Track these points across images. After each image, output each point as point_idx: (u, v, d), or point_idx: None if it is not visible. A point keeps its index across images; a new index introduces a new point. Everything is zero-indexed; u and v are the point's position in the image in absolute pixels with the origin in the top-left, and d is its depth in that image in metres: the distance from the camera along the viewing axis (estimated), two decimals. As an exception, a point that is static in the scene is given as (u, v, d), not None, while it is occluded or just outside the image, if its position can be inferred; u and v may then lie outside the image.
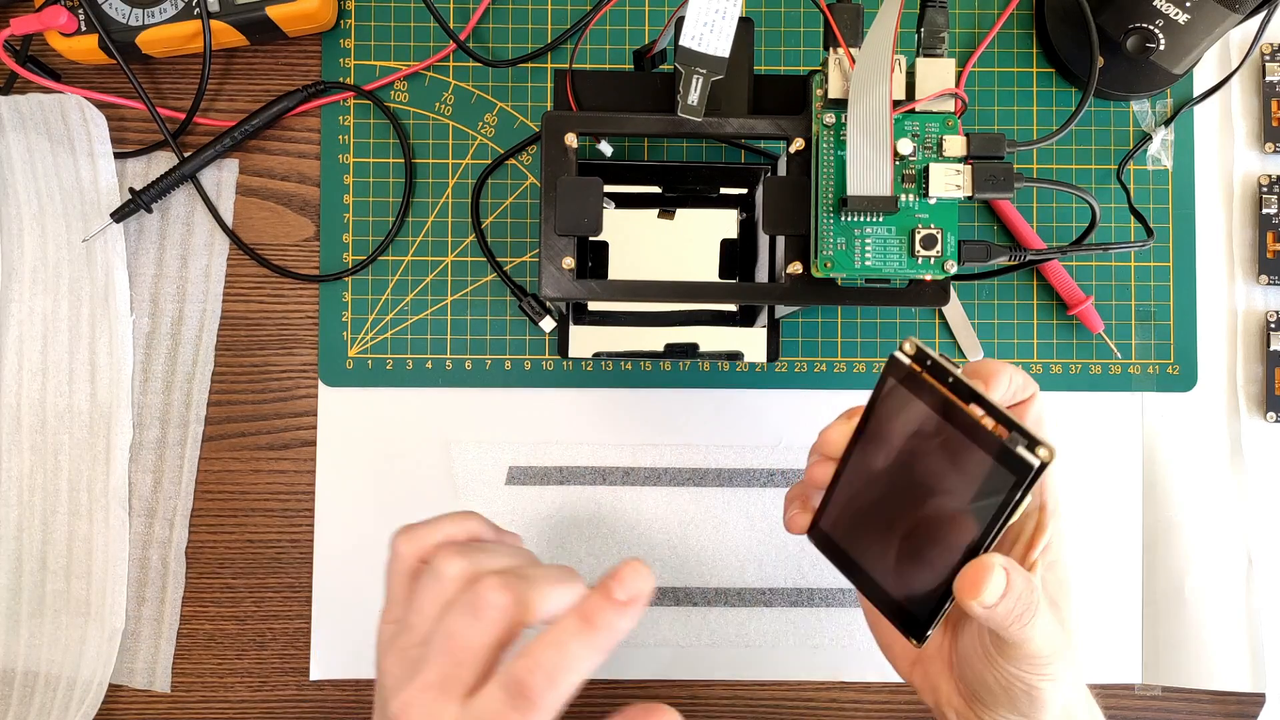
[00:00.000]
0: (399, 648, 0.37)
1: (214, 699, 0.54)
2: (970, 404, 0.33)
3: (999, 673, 0.37)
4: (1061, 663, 0.37)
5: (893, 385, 0.35)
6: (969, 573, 0.33)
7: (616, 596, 0.35)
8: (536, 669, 0.34)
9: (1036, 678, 0.37)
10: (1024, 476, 0.32)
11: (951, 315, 0.55)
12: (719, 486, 0.55)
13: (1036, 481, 0.32)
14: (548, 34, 0.56)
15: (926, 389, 0.34)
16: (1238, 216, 0.56)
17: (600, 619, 0.34)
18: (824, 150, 0.42)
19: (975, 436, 0.33)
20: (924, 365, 0.34)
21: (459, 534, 0.41)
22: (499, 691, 0.34)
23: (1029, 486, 0.32)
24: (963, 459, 0.33)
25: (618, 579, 0.35)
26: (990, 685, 0.38)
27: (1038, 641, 0.35)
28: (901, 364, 0.35)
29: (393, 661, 0.37)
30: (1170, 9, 0.49)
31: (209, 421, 0.55)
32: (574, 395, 0.55)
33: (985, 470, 0.32)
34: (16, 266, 0.54)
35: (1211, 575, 0.55)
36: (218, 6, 0.52)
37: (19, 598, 0.54)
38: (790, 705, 0.55)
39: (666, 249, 0.53)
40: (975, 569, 0.33)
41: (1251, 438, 0.55)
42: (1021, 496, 0.32)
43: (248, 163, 0.55)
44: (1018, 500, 0.32)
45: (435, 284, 0.55)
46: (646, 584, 0.35)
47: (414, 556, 0.40)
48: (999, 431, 0.32)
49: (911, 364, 0.35)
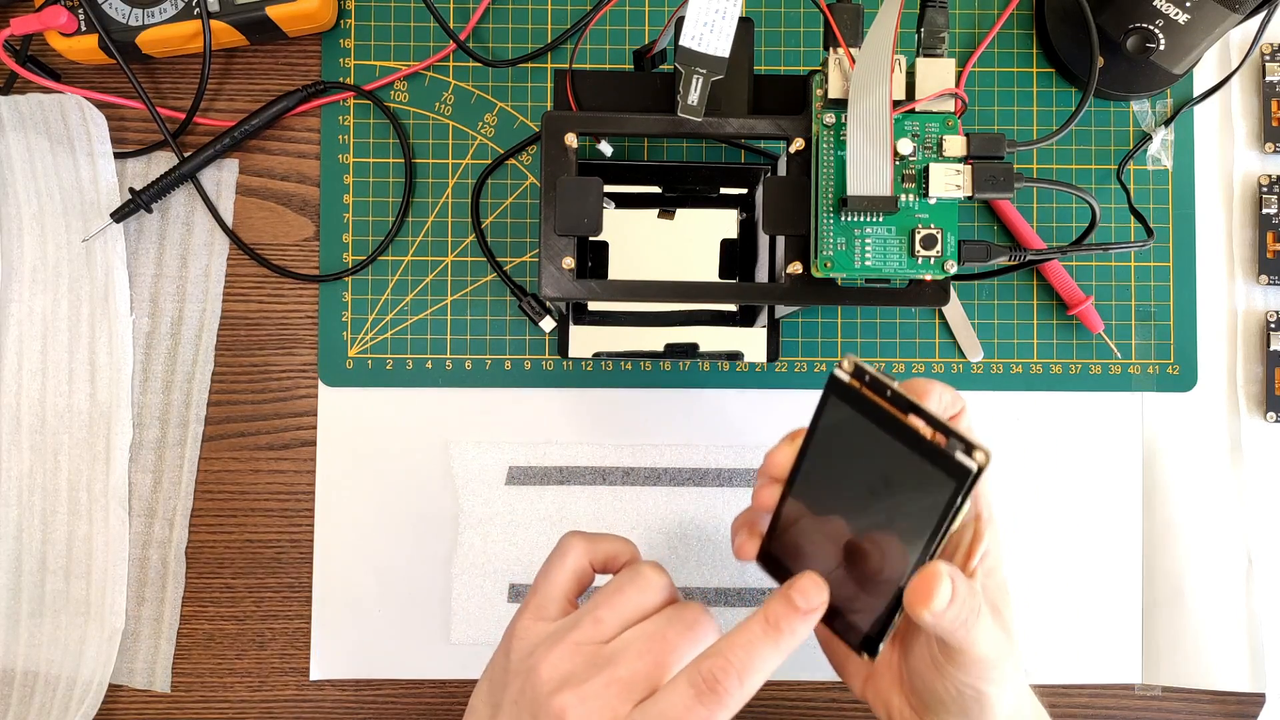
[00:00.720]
0: (573, 641, 0.37)
1: (214, 699, 0.54)
2: (909, 415, 0.34)
3: (948, 681, 0.38)
4: (1006, 666, 0.37)
5: (833, 403, 0.36)
6: (918, 582, 0.34)
7: (799, 605, 0.36)
8: (729, 667, 0.35)
9: (984, 683, 0.37)
10: (963, 481, 0.32)
11: (951, 315, 0.55)
12: (719, 486, 0.55)
13: (974, 487, 0.32)
14: (548, 34, 0.56)
15: (866, 404, 0.35)
16: (1238, 216, 0.56)
17: (785, 624, 0.36)
18: (824, 150, 0.42)
19: (914, 446, 0.33)
20: (863, 381, 0.35)
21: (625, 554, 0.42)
22: (686, 687, 0.35)
23: (968, 491, 0.32)
24: (904, 470, 0.34)
25: (799, 590, 0.36)
26: (940, 695, 0.39)
27: (982, 646, 0.36)
28: (841, 381, 0.35)
29: (562, 655, 0.37)
30: (1170, 9, 0.49)
31: (209, 421, 0.55)
32: (574, 395, 0.55)
33: (926, 478, 0.33)
34: (16, 266, 0.54)
35: (1211, 575, 0.55)
36: (218, 6, 0.52)
37: (19, 598, 0.54)
38: (790, 705, 0.55)
39: (666, 249, 0.53)
40: (923, 578, 0.34)
41: (1251, 438, 0.55)
42: (961, 501, 0.33)
43: (248, 163, 0.55)
44: (958, 506, 0.33)
45: (435, 284, 0.55)
46: (823, 596, 0.36)
47: (585, 558, 0.41)
48: (937, 439, 0.33)
49: (851, 380, 0.35)
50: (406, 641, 0.54)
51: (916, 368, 0.55)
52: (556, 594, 0.40)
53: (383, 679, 0.54)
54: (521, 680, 0.37)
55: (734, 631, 0.36)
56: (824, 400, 0.36)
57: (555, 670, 0.36)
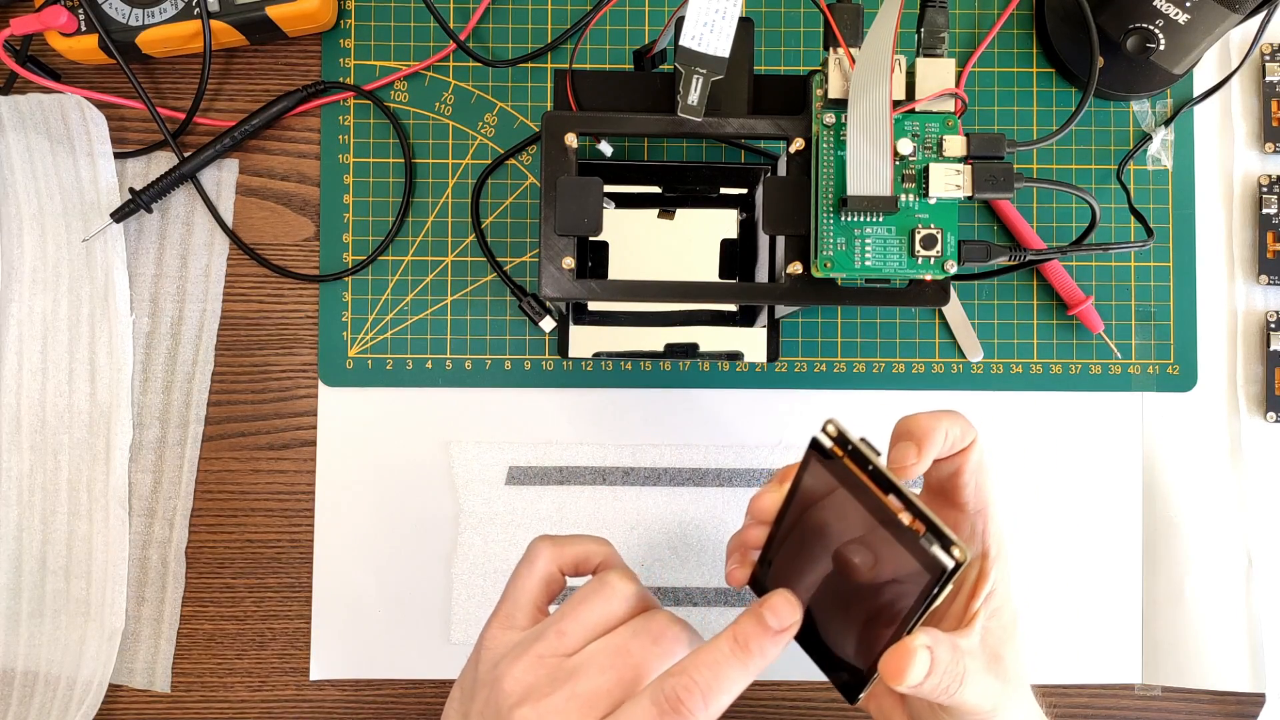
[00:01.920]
0: (536, 654, 0.36)
1: (214, 699, 0.54)
2: (889, 495, 0.33)
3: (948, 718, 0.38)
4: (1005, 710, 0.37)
5: (814, 466, 0.35)
6: (891, 658, 0.33)
7: (770, 624, 0.35)
8: (693, 687, 0.34)
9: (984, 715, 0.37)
10: (938, 576, 0.31)
11: (951, 315, 0.55)
12: (719, 486, 0.55)
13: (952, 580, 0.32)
14: (548, 34, 0.56)
15: (847, 474, 0.34)
16: (1238, 216, 0.56)
17: (755, 644, 0.35)
18: (824, 150, 0.42)
19: (893, 529, 0.32)
20: (845, 449, 0.34)
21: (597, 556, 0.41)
22: (650, 706, 0.34)
23: (944, 584, 0.32)
24: (882, 547, 0.33)
25: (770, 608, 0.35)
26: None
27: (972, 703, 0.36)
28: (823, 445, 0.34)
29: (525, 667, 0.36)
30: (1170, 9, 0.49)
31: (209, 421, 0.55)
32: (574, 395, 0.55)
33: (902, 563, 0.32)
34: (16, 266, 0.54)
35: (1211, 575, 0.55)
36: (218, 6, 0.52)
37: (19, 598, 0.54)
38: (790, 705, 0.55)
39: (666, 249, 0.53)
40: (897, 654, 0.33)
41: (1251, 438, 0.55)
42: (938, 593, 0.32)
43: (248, 163, 0.55)
44: (934, 595, 0.32)
45: (435, 284, 0.55)
46: (796, 616, 0.35)
47: (554, 564, 0.40)
48: (915, 527, 0.32)
49: (833, 446, 0.34)
50: (406, 641, 0.54)
51: (916, 368, 0.55)
52: (525, 601, 0.39)
53: (383, 679, 0.54)
54: (487, 691, 0.37)
55: (702, 649, 0.35)
56: (806, 460, 0.35)
57: (518, 684, 0.36)
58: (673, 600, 0.54)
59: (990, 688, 0.36)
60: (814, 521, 0.36)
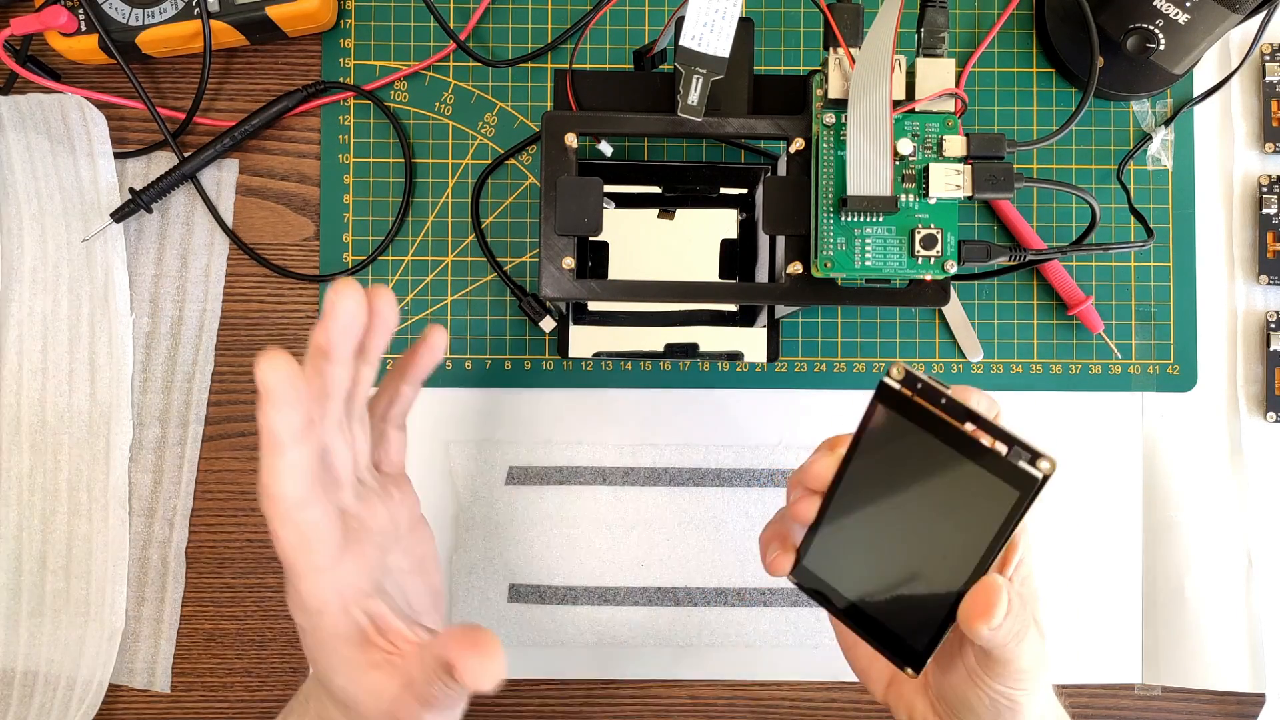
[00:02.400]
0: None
1: (214, 699, 0.54)
2: (965, 423, 0.33)
3: (985, 690, 0.37)
4: (1041, 675, 0.37)
5: (882, 410, 0.35)
6: (978, 596, 0.33)
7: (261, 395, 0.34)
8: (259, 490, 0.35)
9: (1020, 692, 0.37)
10: (1028, 490, 0.32)
11: (951, 315, 0.55)
12: (719, 486, 0.55)
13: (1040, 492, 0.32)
14: (548, 34, 0.56)
15: (919, 412, 0.34)
16: (1238, 216, 0.56)
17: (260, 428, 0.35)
18: (824, 150, 0.42)
19: (975, 455, 0.33)
20: (914, 389, 0.34)
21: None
22: None
23: (1033, 499, 0.32)
24: (962, 479, 0.33)
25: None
26: (973, 704, 0.38)
27: (1026, 659, 0.36)
28: (891, 389, 0.34)
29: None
30: (1170, 9, 0.49)
31: (209, 421, 0.55)
32: (574, 395, 0.55)
33: (987, 488, 0.32)
34: (16, 266, 0.54)
35: (1211, 575, 0.55)
36: (218, 6, 0.52)
37: (19, 598, 0.54)
38: (790, 705, 0.55)
39: (666, 249, 0.53)
40: (983, 592, 0.33)
41: (1251, 438, 0.55)
42: (1024, 510, 0.32)
43: (248, 163, 0.55)
44: (1021, 514, 0.32)
45: (435, 284, 0.55)
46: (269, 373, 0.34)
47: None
48: (998, 447, 0.32)
49: (902, 388, 0.34)
50: (406, 641, 0.54)
51: (916, 368, 0.55)
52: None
53: (383, 679, 0.54)
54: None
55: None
56: (872, 407, 0.35)
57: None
58: (673, 600, 0.54)
59: (1039, 647, 0.36)
60: (878, 476, 0.35)
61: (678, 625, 0.54)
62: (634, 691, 0.55)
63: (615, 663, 0.54)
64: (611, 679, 0.55)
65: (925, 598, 0.35)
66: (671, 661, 0.55)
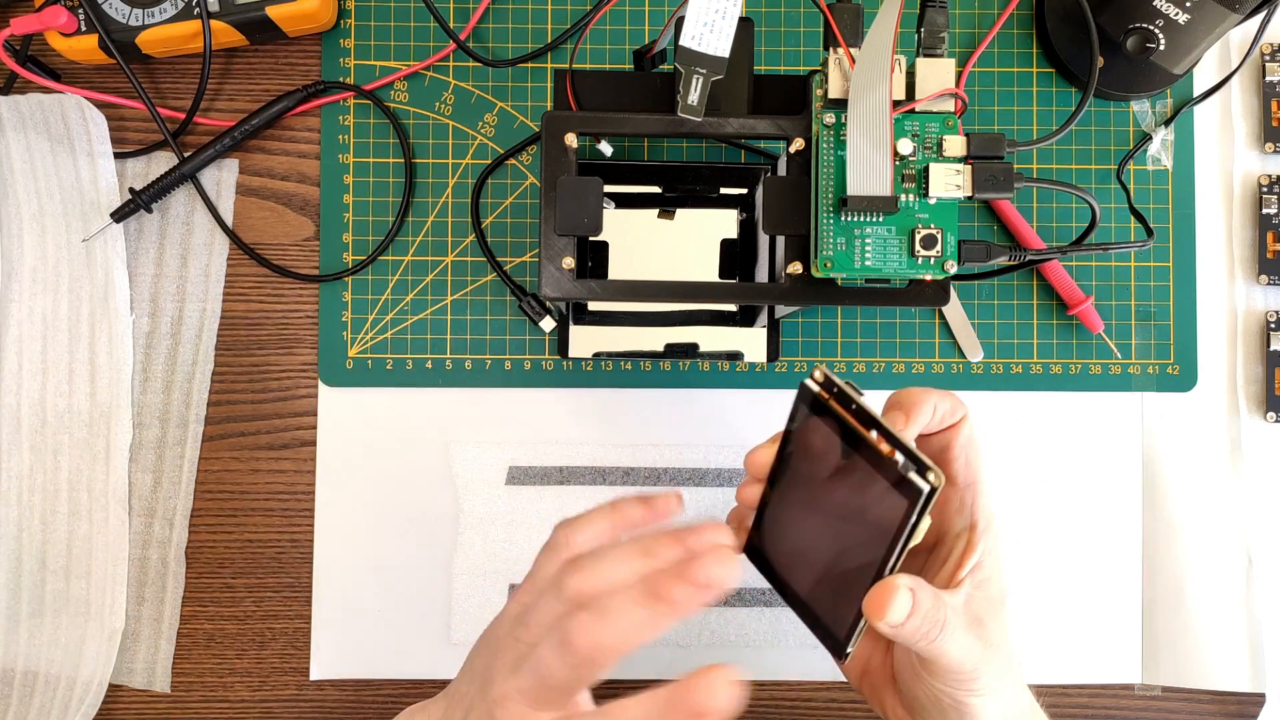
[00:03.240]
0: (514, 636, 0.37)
1: (214, 699, 0.54)
2: (870, 430, 0.34)
3: (926, 687, 0.38)
4: (987, 678, 0.37)
5: (803, 411, 0.36)
6: (875, 594, 0.34)
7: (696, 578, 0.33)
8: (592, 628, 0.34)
9: (962, 693, 0.37)
10: (915, 500, 0.33)
11: (951, 315, 0.55)
12: (719, 486, 0.55)
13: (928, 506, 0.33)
14: (548, 34, 0.56)
15: (832, 415, 0.35)
16: (1238, 216, 0.56)
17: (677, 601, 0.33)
18: (824, 150, 0.42)
19: (872, 462, 0.34)
20: (831, 392, 0.35)
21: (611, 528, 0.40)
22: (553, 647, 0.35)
23: (922, 510, 0.33)
24: (863, 484, 0.34)
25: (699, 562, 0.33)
26: (921, 699, 0.39)
27: (952, 656, 0.36)
28: (810, 390, 0.36)
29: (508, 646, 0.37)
30: (1170, 9, 0.49)
31: (209, 421, 0.55)
32: (574, 395, 0.55)
33: (882, 494, 0.33)
34: (16, 266, 0.54)
35: (1211, 575, 0.55)
36: (218, 6, 0.52)
37: (19, 598, 0.54)
38: (790, 705, 0.55)
39: (666, 249, 0.53)
40: (880, 590, 0.34)
41: (1251, 438, 0.55)
42: (916, 520, 0.33)
43: (248, 163, 0.55)
44: (913, 524, 0.33)
45: (435, 284, 0.55)
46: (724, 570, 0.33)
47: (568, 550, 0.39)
48: (894, 457, 0.33)
49: (820, 390, 0.35)
50: (406, 641, 0.54)
51: (916, 368, 0.55)
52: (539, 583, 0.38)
53: (383, 679, 0.54)
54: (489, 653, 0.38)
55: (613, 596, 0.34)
56: (795, 407, 0.37)
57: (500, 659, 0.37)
58: (673, 600, 0.54)
59: (971, 646, 0.37)
60: (803, 471, 0.37)
61: (678, 625, 0.54)
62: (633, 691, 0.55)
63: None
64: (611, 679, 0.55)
65: (845, 590, 0.36)
66: (671, 661, 0.55)
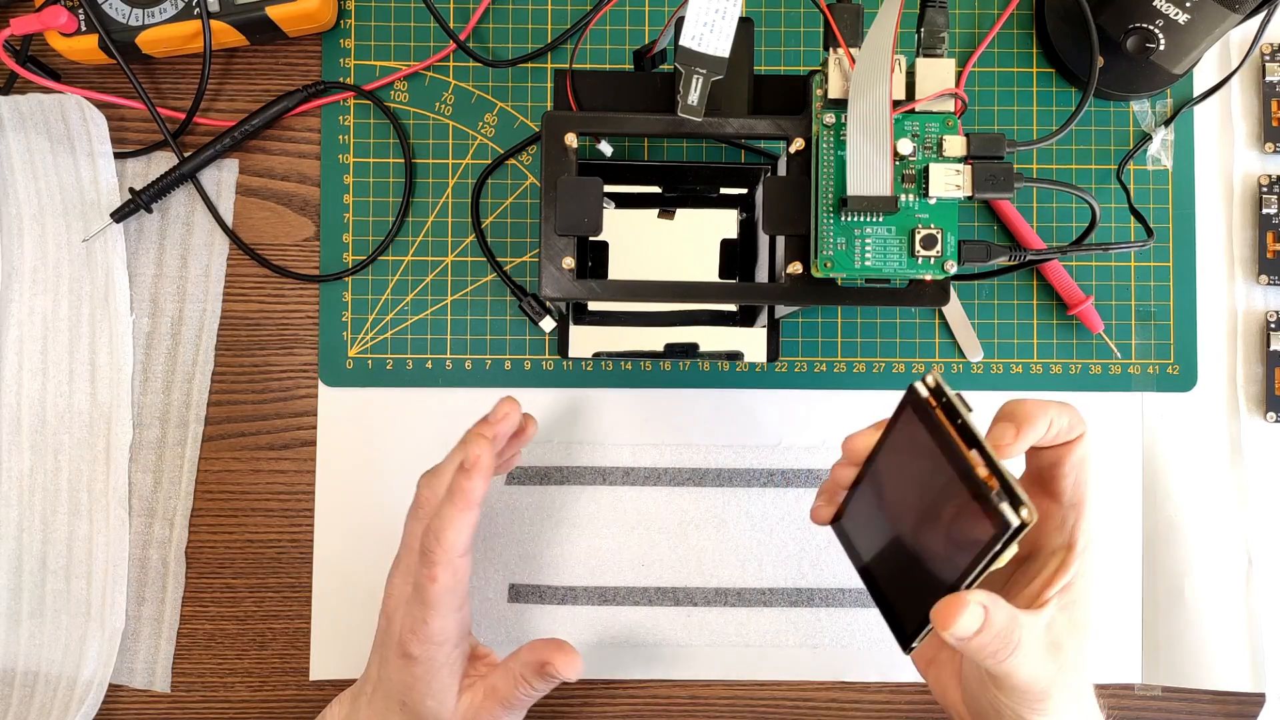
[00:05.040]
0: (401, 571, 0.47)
1: (214, 699, 0.54)
2: (971, 449, 0.33)
3: (991, 698, 0.38)
4: (1057, 700, 0.37)
5: (908, 414, 0.36)
6: (944, 605, 0.34)
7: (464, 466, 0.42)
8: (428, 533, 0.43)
9: (1027, 711, 0.37)
10: (1002, 531, 0.32)
11: (951, 315, 0.55)
12: (719, 486, 0.55)
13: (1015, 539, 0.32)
14: (548, 34, 0.56)
15: (936, 425, 0.35)
16: (1238, 216, 0.56)
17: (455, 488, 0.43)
18: (824, 150, 0.42)
19: (967, 480, 0.33)
20: (939, 401, 0.35)
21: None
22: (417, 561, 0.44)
23: (1007, 542, 0.32)
24: (956, 499, 0.34)
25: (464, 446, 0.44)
26: (984, 708, 0.39)
27: (1021, 677, 0.36)
28: (919, 394, 0.35)
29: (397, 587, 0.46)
30: (1170, 9, 0.49)
31: (209, 421, 0.55)
32: (574, 395, 0.55)
33: (972, 514, 0.33)
34: (16, 266, 0.54)
35: (1211, 575, 0.55)
36: (218, 6, 0.52)
37: (19, 598, 0.54)
38: (790, 705, 0.55)
39: (666, 249, 0.53)
40: (950, 603, 0.34)
41: (1251, 438, 0.55)
42: (1001, 549, 0.33)
43: (248, 163, 0.55)
44: (996, 552, 0.33)
45: (435, 284, 0.55)
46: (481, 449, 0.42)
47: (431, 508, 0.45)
48: (990, 482, 0.33)
49: (928, 397, 0.35)
50: (406, 641, 0.54)
51: (916, 368, 0.55)
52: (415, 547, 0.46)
53: (383, 679, 0.54)
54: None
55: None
56: (900, 409, 0.36)
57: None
58: (673, 600, 0.54)
59: (1044, 669, 0.36)
60: (898, 468, 0.37)
61: (678, 625, 0.54)
62: (634, 691, 0.55)
63: (615, 663, 0.55)
64: (612, 679, 0.55)
65: (920, 589, 0.36)
66: (671, 661, 0.55)
